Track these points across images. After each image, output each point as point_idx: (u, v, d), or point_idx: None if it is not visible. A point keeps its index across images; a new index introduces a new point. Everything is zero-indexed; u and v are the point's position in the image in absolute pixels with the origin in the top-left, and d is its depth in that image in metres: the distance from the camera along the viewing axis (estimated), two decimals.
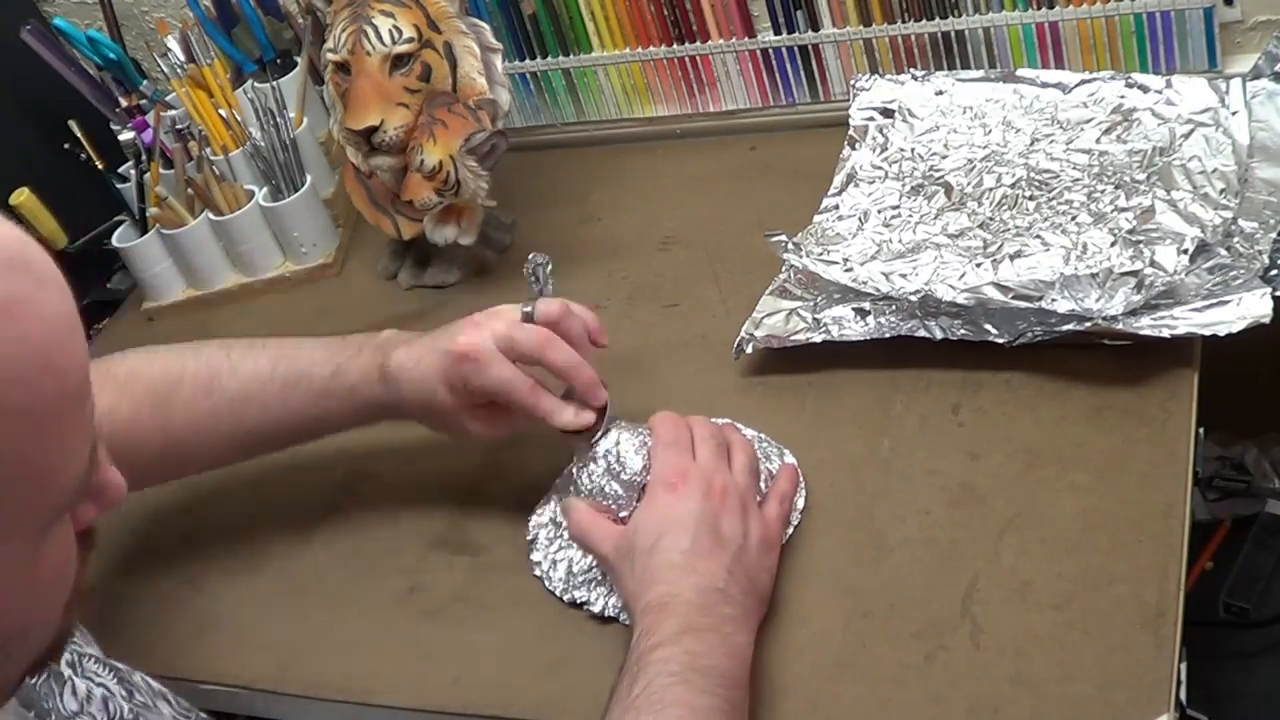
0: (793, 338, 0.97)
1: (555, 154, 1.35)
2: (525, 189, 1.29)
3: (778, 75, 1.26)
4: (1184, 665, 0.73)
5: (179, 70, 1.32)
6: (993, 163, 1.06)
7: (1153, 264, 0.88)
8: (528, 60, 1.32)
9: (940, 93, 1.13)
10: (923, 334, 0.92)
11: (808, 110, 1.26)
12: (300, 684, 0.89)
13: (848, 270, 0.97)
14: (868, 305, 0.95)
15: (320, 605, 0.94)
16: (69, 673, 0.68)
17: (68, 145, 1.32)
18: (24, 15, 1.38)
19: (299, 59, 1.36)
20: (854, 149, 1.13)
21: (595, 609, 0.85)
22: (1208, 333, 0.84)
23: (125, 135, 1.33)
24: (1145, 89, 1.05)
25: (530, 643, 0.86)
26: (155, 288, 1.33)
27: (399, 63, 1.09)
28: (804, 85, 1.26)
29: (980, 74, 1.14)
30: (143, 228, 1.31)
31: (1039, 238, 0.96)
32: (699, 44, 1.26)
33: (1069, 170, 1.02)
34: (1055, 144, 1.05)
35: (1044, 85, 1.09)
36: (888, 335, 0.93)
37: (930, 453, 0.88)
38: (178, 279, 1.32)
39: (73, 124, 1.31)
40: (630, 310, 1.11)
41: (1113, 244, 0.93)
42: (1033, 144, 1.06)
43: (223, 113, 1.30)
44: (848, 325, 0.95)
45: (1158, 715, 0.69)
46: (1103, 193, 0.99)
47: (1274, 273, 0.89)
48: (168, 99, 1.35)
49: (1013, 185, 1.03)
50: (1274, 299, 0.85)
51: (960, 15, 1.16)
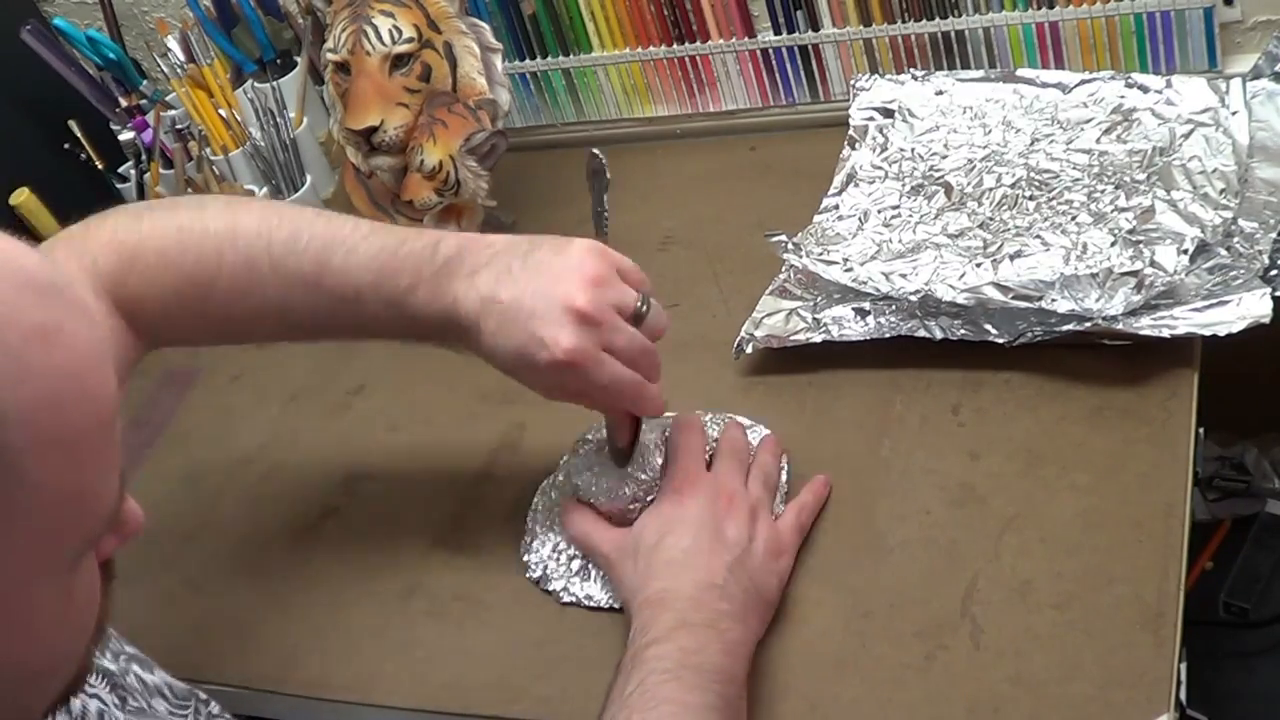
0: (793, 338, 0.97)
1: (555, 154, 1.35)
2: (525, 189, 1.29)
3: (778, 75, 1.26)
4: (1184, 665, 0.73)
5: (179, 70, 1.32)
6: (993, 163, 1.06)
7: (1153, 264, 0.88)
8: (528, 60, 1.32)
9: (940, 93, 1.13)
10: (923, 334, 0.92)
11: (808, 110, 1.26)
12: (300, 684, 0.89)
13: (848, 270, 0.97)
14: (868, 305, 0.95)
15: (320, 605, 0.94)
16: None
17: (68, 145, 1.32)
18: (24, 15, 1.37)
19: (299, 59, 1.36)
20: (854, 149, 1.13)
21: (597, 602, 0.86)
22: (1208, 333, 0.84)
23: (125, 135, 1.33)
24: (1145, 89, 1.05)
25: (530, 643, 0.86)
26: None
27: (399, 63, 1.09)
28: (804, 85, 1.26)
29: (980, 74, 1.14)
30: None
31: (1039, 238, 0.96)
32: (699, 44, 1.26)
33: (1069, 170, 1.02)
34: (1055, 144, 1.05)
35: (1044, 85, 1.09)
36: (888, 335, 0.93)
37: (930, 453, 0.88)
38: None
39: (73, 124, 1.31)
40: None
41: (1113, 244, 0.93)
42: (1033, 144, 1.06)
43: (223, 113, 1.30)
44: (848, 325, 0.95)
45: (1158, 715, 0.69)
46: (1103, 193, 0.99)
47: (1274, 273, 0.89)
48: (168, 99, 1.35)
49: (1013, 185, 1.03)
50: (1274, 299, 0.85)
51: (960, 15, 1.15)
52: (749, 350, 0.98)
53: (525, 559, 0.90)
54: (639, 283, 0.80)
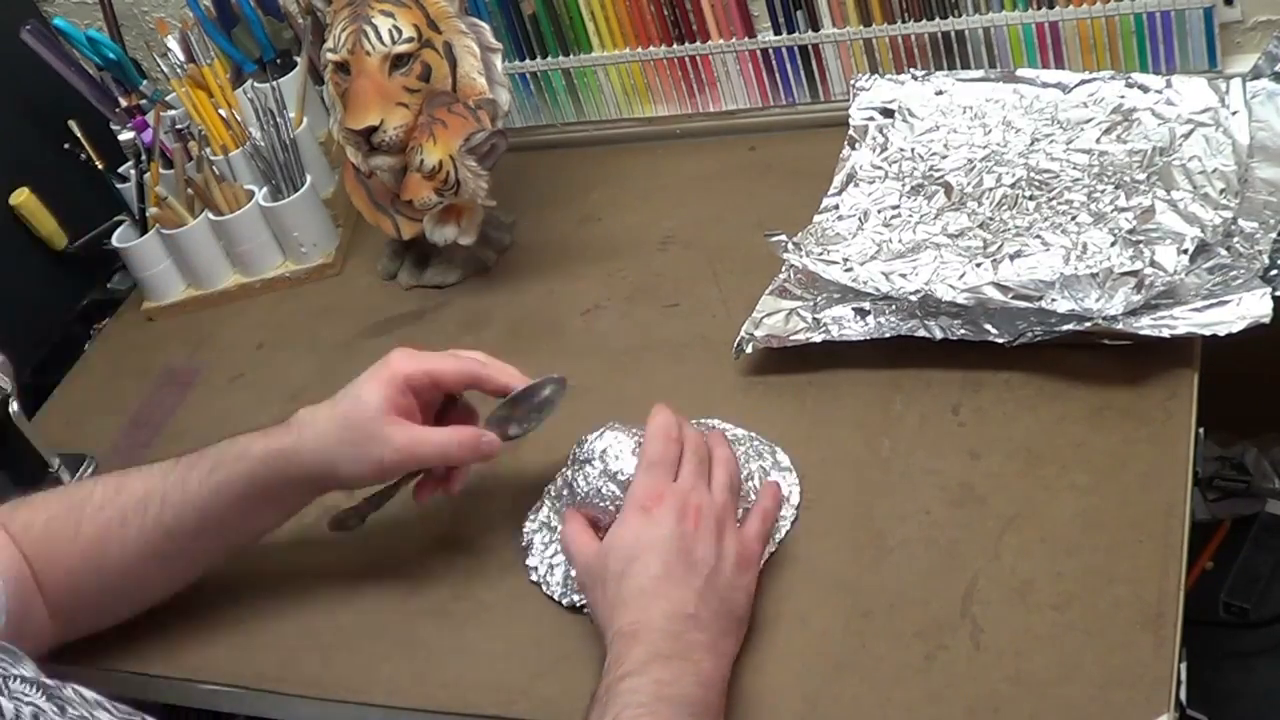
0: (793, 338, 0.97)
1: (555, 154, 1.35)
2: (525, 189, 1.29)
3: (778, 75, 1.26)
4: (1184, 665, 0.73)
5: (179, 70, 1.32)
6: (993, 163, 1.06)
7: (1153, 264, 0.88)
8: (528, 60, 1.32)
9: (940, 93, 1.13)
10: (923, 334, 0.92)
11: (808, 110, 1.26)
12: (300, 684, 0.89)
13: (848, 270, 0.97)
14: (868, 305, 0.95)
15: (320, 605, 0.94)
16: None
17: (68, 145, 1.32)
18: (24, 15, 1.37)
19: (299, 59, 1.36)
20: (854, 149, 1.13)
21: None
22: (1208, 333, 0.84)
23: (125, 135, 1.33)
24: (1145, 89, 1.05)
25: (530, 643, 0.86)
26: (155, 288, 1.33)
27: (399, 63, 1.09)
28: (804, 85, 1.26)
29: (980, 74, 1.14)
30: (143, 228, 1.31)
31: (1039, 238, 0.96)
32: (699, 44, 1.26)
33: (1069, 170, 1.02)
34: (1055, 144, 1.05)
35: (1044, 85, 1.09)
36: (888, 335, 0.93)
37: (930, 453, 0.88)
38: (178, 279, 1.32)
39: (73, 124, 1.31)
40: (630, 310, 1.11)
41: (1113, 244, 0.93)
42: (1033, 144, 1.06)
43: (223, 113, 1.30)
44: (848, 325, 0.95)
45: (1158, 715, 0.69)
46: (1103, 193, 0.99)
47: (1274, 273, 0.89)
48: (168, 99, 1.35)
49: (1013, 185, 1.03)
50: (1274, 299, 0.85)
51: (960, 15, 1.16)
52: (749, 350, 0.98)
53: (527, 562, 0.90)
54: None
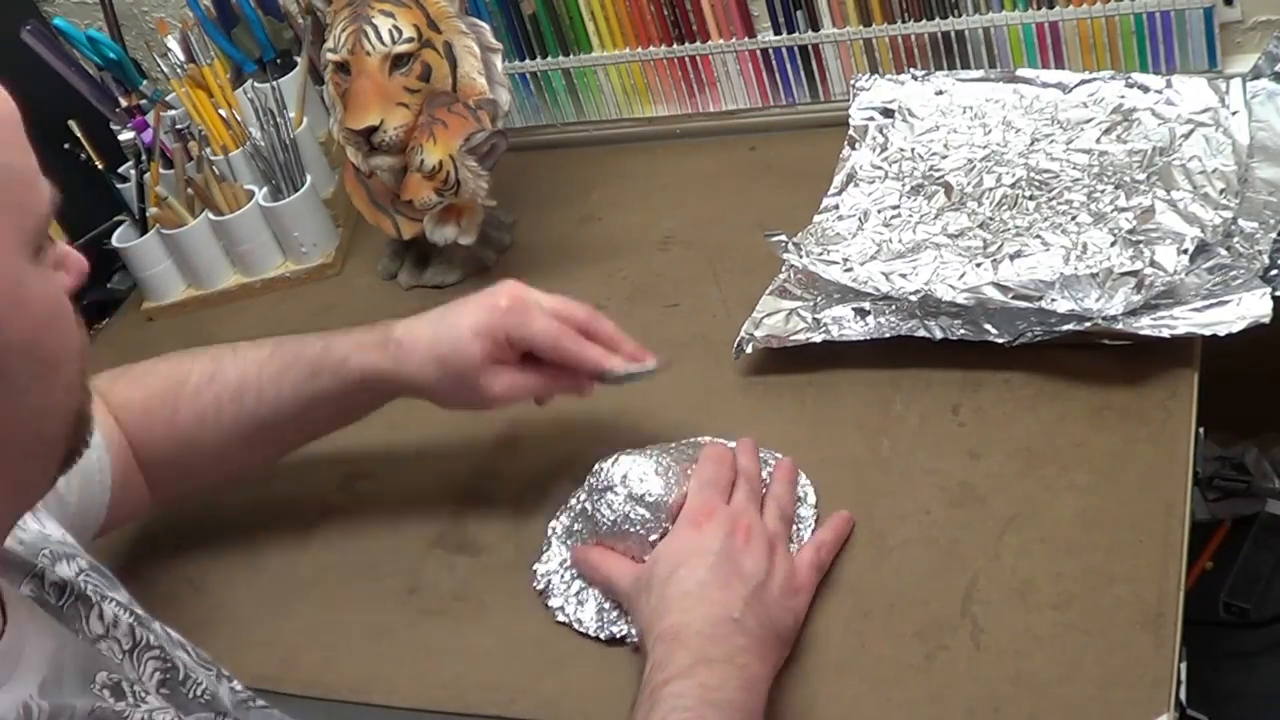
0: (793, 338, 0.97)
1: (555, 154, 1.35)
2: (525, 189, 1.29)
3: (778, 75, 1.26)
4: (1184, 665, 0.73)
5: (179, 70, 1.32)
6: (993, 163, 1.06)
7: (1153, 264, 0.88)
8: (528, 60, 1.32)
9: (940, 93, 1.13)
10: (923, 334, 0.92)
11: (808, 110, 1.26)
12: (300, 684, 0.89)
13: (848, 270, 0.97)
14: (868, 305, 0.95)
15: (320, 605, 0.94)
16: (95, 598, 0.68)
17: (68, 145, 1.32)
18: (24, 15, 1.37)
19: (299, 59, 1.36)
20: (854, 149, 1.13)
21: (586, 628, 0.85)
22: (1208, 333, 0.84)
23: (125, 135, 1.33)
24: (1145, 89, 1.05)
25: (530, 643, 0.86)
26: (155, 288, 1.33)
27: (399, 62, 1.09)
28: (804, 85, 1.26)
29: (980, 74, 1.14)
30: (143, 228, 1.31)
31: (1039, 238, 0.96)
32: (699, 44, 1.26)
33: (1069, 170, 1.02)
34: (1055, 144, 1.05)
35: (1044, 85, 1.10)
36: (888, 335, 0.93)
37: (930, 453, 0.88)
38: (178, 279, 1.32)
39: (73, 124, 1.31)
40: (630, 310, 1.11)
41: (1113, 244, 0.93)
42: (1033, 144, 1.06)
43: (223, 113, 1.30)
44: (848, 325, 0.95)
45: (1158, 715, 0.69)
46: (1103, 193, 0.99)
47: (1274, 273, 0.89)
48: (168, 99, 1.35)
49: (1013, 185, 1.03)
50: (1274, 299, 0.85)
51: (960, 15, 1.16)
52: (749, 350, 0.98)
53: (534, 568, 0.90)
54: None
